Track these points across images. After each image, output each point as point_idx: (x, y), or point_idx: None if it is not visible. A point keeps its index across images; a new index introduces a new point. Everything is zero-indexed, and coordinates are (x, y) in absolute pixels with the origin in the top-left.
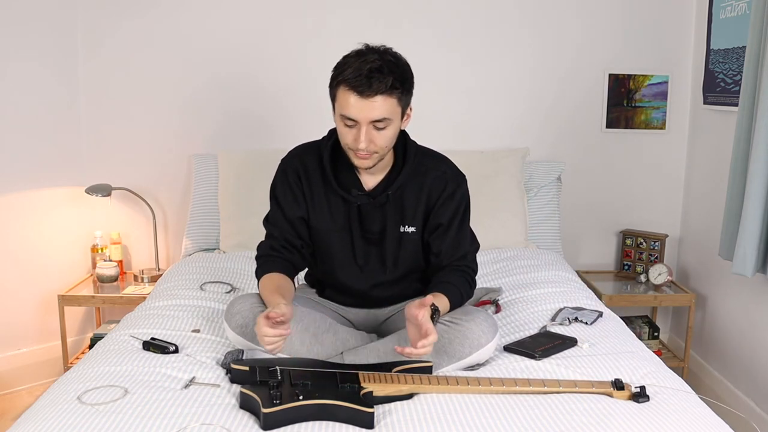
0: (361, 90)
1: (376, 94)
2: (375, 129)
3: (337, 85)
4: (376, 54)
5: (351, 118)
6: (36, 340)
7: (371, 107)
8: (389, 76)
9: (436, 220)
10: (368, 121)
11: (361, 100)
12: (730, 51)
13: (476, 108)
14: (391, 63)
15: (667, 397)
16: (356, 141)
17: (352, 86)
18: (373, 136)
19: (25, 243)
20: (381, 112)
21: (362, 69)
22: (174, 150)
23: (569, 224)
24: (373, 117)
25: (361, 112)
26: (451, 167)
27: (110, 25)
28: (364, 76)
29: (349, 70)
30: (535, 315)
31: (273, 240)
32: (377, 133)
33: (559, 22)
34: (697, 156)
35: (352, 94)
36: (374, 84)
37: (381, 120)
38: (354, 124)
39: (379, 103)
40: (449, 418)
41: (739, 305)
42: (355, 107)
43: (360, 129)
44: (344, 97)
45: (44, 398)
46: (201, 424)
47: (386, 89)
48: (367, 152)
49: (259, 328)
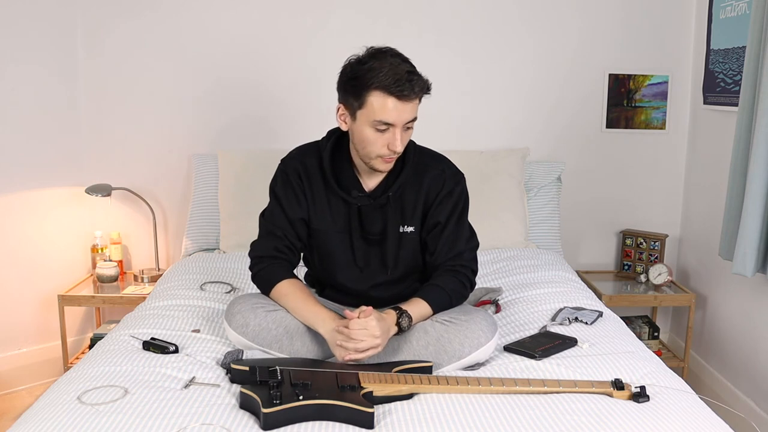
0: (403, 93)
1: (414, 98)
2: (404, 129)
3: (371, 91)
4: (397, 57)
5: (388, 122)
6: (36, 340)
7: (407, 109)
8: (422, 78)
9: (434, 219)
10: (403, 123)
11: (400, 104)
12: (730, 51)
13: (476, 108)
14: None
15: (667, 397)
16: (392, 145)
17: (391, 91)
18: (404, 137)
19: (25, 243)
20: (413, 112)
21: (399, 73)
22: (174, 150)
23: (569, 224)
24: (408, 119)
25: (400, 115)
26: (450, 166)
27: (110, 25)
28: (405, 80)
29: (383, 75)
30: (535, 315)
31: (276, 240)
32: (405, 135)
33: (559, 22)
34: (697, 156)
35: (391, 98)
36: (416, 86)
37: (412, 120)
38: (386, 129)
39: (415, 105)
40: (449, 418)
41: (739, 305)
42: (394, 111)
43: (395, 133)
44: (381, 102)
45: (44, 398)
46: (201, 424)
47: (421, 91)
48: (394, 155)
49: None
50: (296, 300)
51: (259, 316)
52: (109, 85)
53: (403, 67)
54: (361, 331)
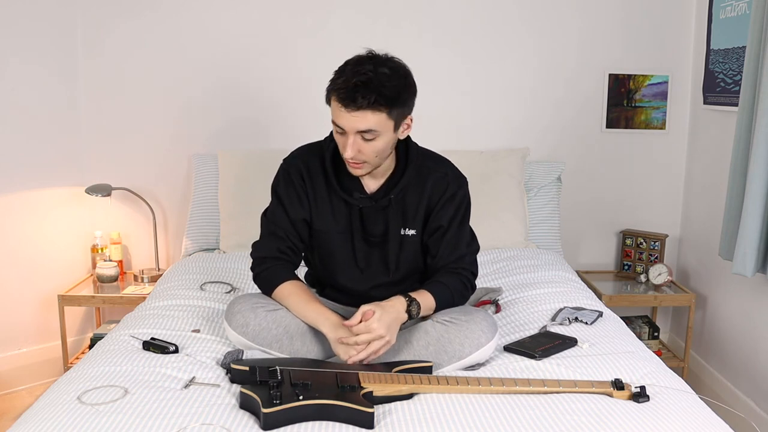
0: (345, 103)
1: (359, 109)
2: (363, 140)
3: (329, 93)
4: (372, 65)
5: (340, 126)
6: (36, 340)
7: (356, 119)
8: (373, 93)
9: (436, 222)
10: (354, 131)
11: (346, 112)
12: (730, 51)
13: (476, 108)
14: (384, 77)
15: (667, 397)
16: (343, 148)
17: (337, 97)
18: (360, 146)
19: (25, 243)
20: (367, 124)
21: (350, 82)
22: (174, 150)
23: (569, 224)
24: (359, 128)
25: (348, 122)
26: (453, 169)
27: (110, 25)
28: (350, 89)
29: (341, 80)
30: (535, 315)
31: (278, 240)
32: (365, 144)
33: (559, 22)
34: (697, 156)
35: (336, 104)
36: (358, 99)
37: (368, 131)
38: (343, 132)
39: (366, 117)
40: (449, 418)
41: (739, 305)
42: (342, 117)
43: (347, 138)
44: (334, 106)
45: (44, 398)
46: (201, 424)
47: (368, 105)
48: (356, 161)
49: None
50: (299, 301)
51: (259, 316)
52: (109, 85)
53: (358, 78)
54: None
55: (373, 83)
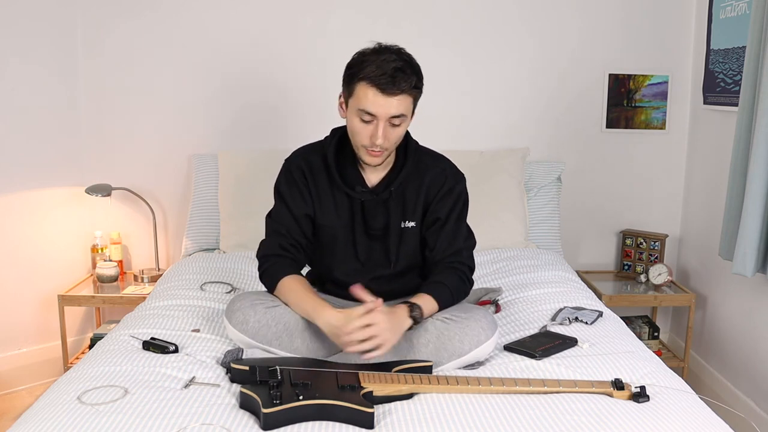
0: (384, 87)
1: (400, 93)
2: (391, 126)
3: (357, 81)
4: (394, 53)
5: (370, 113)
6: (36, 340)
7: (391, 104)
8: (414, 76)
9: (434, 215)
10: (387, 117)
11: (383, 97)
12: (730, 51)
13: (476, 108)
14: (412, 63)
15: (667, 397)
16: (373, 137)
17: (375, 83)
18: (388, 132)
19: (25, 243)
20: (399, 108)
21: (386, 68)
22: (174, 150)
23: (569, 224)
24: (392, 113)
25: (382, 108)
26: (450, 166)
27: (110, 25)
28: (389, 75)
29: (371, 68)
30: (535, 315)
31: (281, 237)
32: (392, 130)
33: (559, 22)
34: (697, 156)
35: (373, 90)
36: (399, 83)
37: (398, 116)
38: (371, 120)
39: (403, 100)
40: (449, 418)
41: (739, 305)
42: (375, 103)
43: (378, 125)
44: (364, 92)
45: (44, 398)
46: (201, 424)
47: (410, 88)
48: (380, 149)
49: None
50: (297, 294)
51: (258, 313)
52: (109, 85)
53: (393, 64)
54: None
55: (410, 67)
